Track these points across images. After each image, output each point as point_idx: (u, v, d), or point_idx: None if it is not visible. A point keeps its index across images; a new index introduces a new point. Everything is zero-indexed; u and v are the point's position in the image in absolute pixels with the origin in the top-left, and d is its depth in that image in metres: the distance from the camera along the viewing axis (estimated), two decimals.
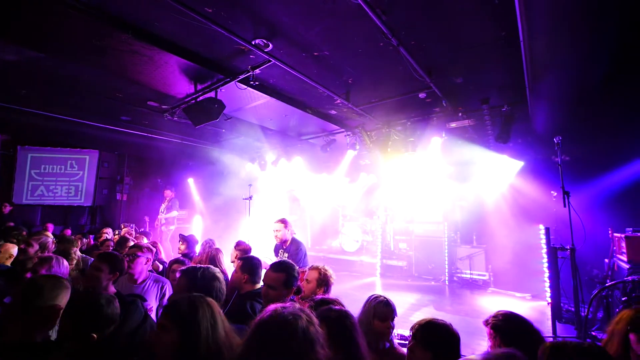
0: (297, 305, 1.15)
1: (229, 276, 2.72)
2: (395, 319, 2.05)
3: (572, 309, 4.97)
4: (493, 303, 6.24)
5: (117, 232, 5.38)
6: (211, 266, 1.88)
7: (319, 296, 1.98)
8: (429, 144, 6.70)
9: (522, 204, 7.29)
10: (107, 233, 5.36)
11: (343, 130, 7.27)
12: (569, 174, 4.71)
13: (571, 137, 5.66)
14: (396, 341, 4.18)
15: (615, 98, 4.97)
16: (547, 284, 6.45)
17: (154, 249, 2.95)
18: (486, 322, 1.81)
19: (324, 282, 2.52)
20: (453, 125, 6.33)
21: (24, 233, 4.21)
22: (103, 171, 9.03)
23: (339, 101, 5.60)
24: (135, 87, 5.19)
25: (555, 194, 6.73)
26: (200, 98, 5.02)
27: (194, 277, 1.77)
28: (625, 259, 4.30)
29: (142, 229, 7.61)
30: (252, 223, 6.80)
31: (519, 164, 7.29)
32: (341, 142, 7.74)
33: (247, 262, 2.40)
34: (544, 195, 6.76)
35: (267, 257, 3.47)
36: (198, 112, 4.93)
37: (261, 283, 2.25)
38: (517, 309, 1.82)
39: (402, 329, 4.33)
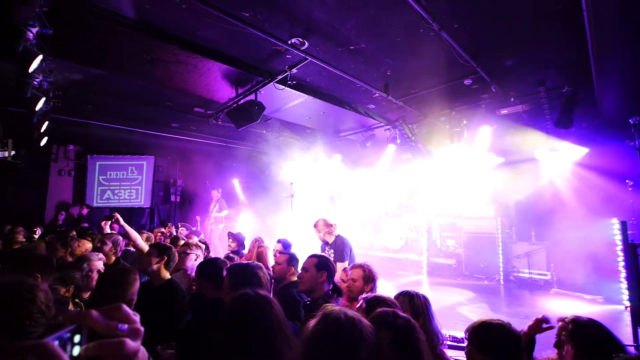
0: (352, 311, 1.13)
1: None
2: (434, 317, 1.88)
3: None
4: (558, 306, 5.67)
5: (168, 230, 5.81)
6: (255, 262, 1.95)
7: (371, 294, 1.87)
8: (476, 133, 6.26)
9: (589, 195, 6.51)
10: (170, 230, 5.80)
11: (382, 124, 7.08)
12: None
13: None
14: (448, 343, 4.00)
15: None
16: (624, 285, 5.70)
17: (203, 246, 3.12)
18: (561, 325, 1.61)
19: (369, 278, 2.47)
20: (504, 112, 5.84)
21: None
22: (158, 175, 9.83)
23: (377, 94, 5.46)
24: (183, 96, 5.54)
25: (632, 182, 5.93)
26: (242, 101, 5.22)
27: (236, 273, 1.85)
28: None
29: (195, 228, 8.14)
30: (294, 220, 6.92)
31: (583, 150, 6.51)
32: (381, 137, 7.55)
33: (292, 257, 2.69)
34: (616, 184, 5.98)
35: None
36: (240, 115, 5.13)
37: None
38: (588, 314, 1.59)
39: (453, 330, 4.13)
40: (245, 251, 4.01)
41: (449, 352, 3.52)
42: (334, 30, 3.68)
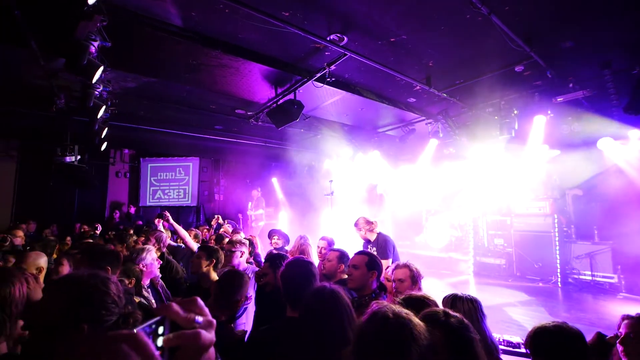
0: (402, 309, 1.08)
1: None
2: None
3: None
4: (627, 311, 5.07)
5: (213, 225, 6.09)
6: (303, 257, 1.99)
7: (407, 294, 1.80)
8: (529, 124, 5.80)
9: None
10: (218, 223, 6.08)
11: (423, 118, 6.81)
12: None
13: None
14: (502, 348, 3.75)
15: None
16: None
17: (248, 242, 3.21)
18: (629, 322, 1.53)
19: (416, 278, 2.38)
20: (560, 99, 5.34)
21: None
22: (203, 175, 10.36)
23: (418, 87, 5.26)
24: (225, 98, 5.76)
25: None
26: (281, 101, 5.30)
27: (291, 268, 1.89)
28: None
29: (238, 225, 8.47)
30: (334, 217, 6.91)
31: None
32: (421, 132, 7.27)
33: (343, 254, 2.73)
34: None
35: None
36: (279, 114, 5.21)
37: None
38: None
39: (507, 334, 3.86)
40: (288, 248, 4.08)
41: (505, 358, 3.32)
42: (373, 22, 3.58)
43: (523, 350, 2.88)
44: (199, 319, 0.49)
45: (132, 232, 5.07)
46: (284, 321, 1.67)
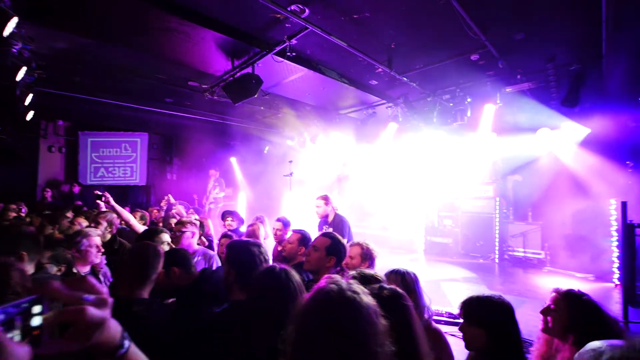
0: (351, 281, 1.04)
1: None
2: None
3: None
4: (550, 283, 5.76)
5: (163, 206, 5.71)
6: (250, 239, 1.92)
7: (355, 272, 1.88)
8: (480, 112, 6.12)
9: (587, 176, 6.49)
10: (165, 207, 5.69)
11: (384, 102, 6.89)
12: None
13: None
14: (444, 319, 4.07)
15: None
16: (616, 265, 5.81)
17: (199, 223, 3.05)
18: (555, 295, 1.65)
19: (367, 256, 2.45)
20: (509, 89, 5.69)
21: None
22: (153, 153, 9.61)
23: (380, 69, 5.25)
24: (175, 67, 5.28)
25: (632, 164, 5.89)
26: (238, 75, 4.98)
27: (233, 249, 1.81)
28: None
29: (193, 206, 8.06)
30: (294, 199, 6.85)
31: (585, 131, 6.42)
32: (382, 115, 7.37)
33: (305, 236, 2.65)
34: (616, 166, 5.94)
35: None
36: (236, 89, 4.91)
37: None
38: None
39: (450, 307, 4.19)
40: (244, 229, 3.96)
41: (446, 328, 3.59)
42: None
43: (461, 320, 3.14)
44: (90, 296, 0.49)
45: (70, 213, 4.57)
46: (231, 304, 1.59)
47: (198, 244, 2.94)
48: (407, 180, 8.75)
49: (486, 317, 1.49)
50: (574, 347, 1.46)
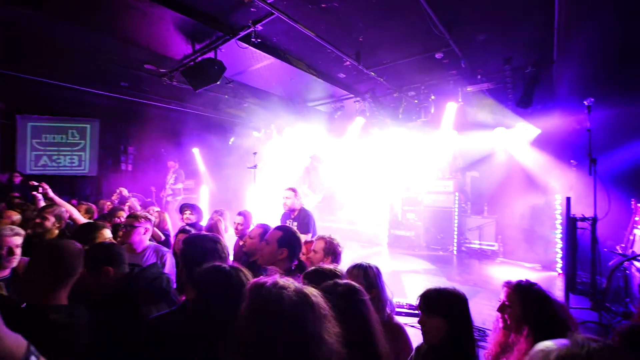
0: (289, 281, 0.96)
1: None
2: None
3: (585, 281, 4.85)
4: (502, 273, 6.17)
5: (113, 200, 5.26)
6: (209, 233, 1.78)
7: (325, 265, 1.85)
8: (443, 110, 6.31)
9: (537, 173, 6.99)
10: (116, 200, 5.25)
11: (352, 96, 6.88)
12: (594, 144, 4.38)
13: (595, 103, 5.23)
14: (405, 311, 4.16)
15: None
16: (559, 255, 6.34)
17: (153, 218, 2.82)
18: (506, 290, 1.71)
19: (330, 251, 2.41)
20: (470, 89, 5.91)
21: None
22: (105, 140, 8.85)
23: (348, 63, 5.20)
24: (130, 48, 4.85)
25: (575, 162, 6.41)
26: (199, 59, 4.68)
27: (188, 244, 1.67)
28: None
29: (149, 200, 7.57)
30: (258, 192, 6.67)
31: (536, 131, 6.89)
32: (350, 109, 7.37)
33: (267, 231, 2.50)
34: (562, 164, 6.44)
35: None
36: (197, 74, 4.62)
37: None
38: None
39: (411, 299, 4.30)
40: (204, 223, 3.75)
41: (407, 319, 3.66)
42: None
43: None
44: None
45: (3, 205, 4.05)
46: (181, 305, 1.45)
47: (150, 240, 2.72)
48: (373, 174, 8.89)
49: (446, 307, 1.52)
50: (529, 338, 1.52)
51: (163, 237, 3.30)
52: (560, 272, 6.16)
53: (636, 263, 4.21)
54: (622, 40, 4.19)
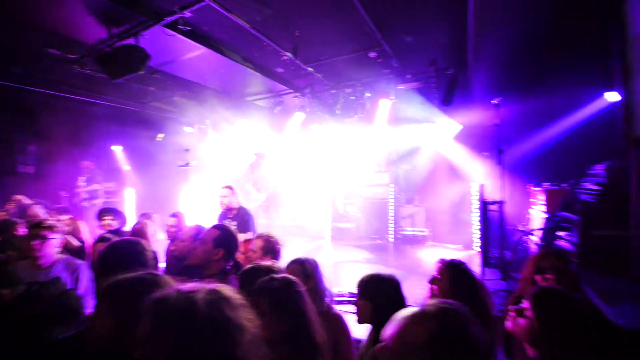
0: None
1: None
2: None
3: (496, 255, 5.63)
4: (430, 255, 6.81)
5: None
6: (133, 238, 1.60)
7: (254, 264, 1.82)
8: (377, 107, 6.65)
9: (459, 164, 7.83)
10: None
11: (291, 91, 6.84)
12: (501, 137, 5.08)
13: (504, 101, 6.02)
14: (347, 299, 4.32)
15: (547, 60, 5.31)
16: (477, 235, 7.21)
17: (64, 228, 2.43)
18: (439, 266, 1.89)
19: (269, 249, 2.38)
20: (401, 87, 6.32)
21: None
22: None
23: (286, 57, 5.12)
24: (28, 29, 4.10)
25: (488, 154, 7.33)
26: (118, 44, 4.16)
27: (108, 253, 1.47)
28: (543, 209, 4.88)
29: (60, 206, 6.57)
30: (193, 192, 6.25)
31: (458, 126, 7.70)
32: (290, 105, 7.32)
33: (200, 232, 2.44)
34: (477, 156, 7.31)
35: None
36: (115, 62, 4.10)
37: None
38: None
39: (353, 287, 4.48)
40: (128, 229, 3.37)
41: (349, 307, 3.81)
42: None
43: None
44: None
45: None
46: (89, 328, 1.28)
47: (63, 252, 2.34)
48: (315, 170, 9.01)
49: (371, 291, 1.66)
50: None
51: (78, 245, 2.87)
52: (478, 250, 7.02)
53: (532, 237, 5.01)
54: (525, 45, 4.88)
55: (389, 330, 0.87)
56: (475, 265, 5.89)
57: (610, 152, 4.04)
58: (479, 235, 6.74)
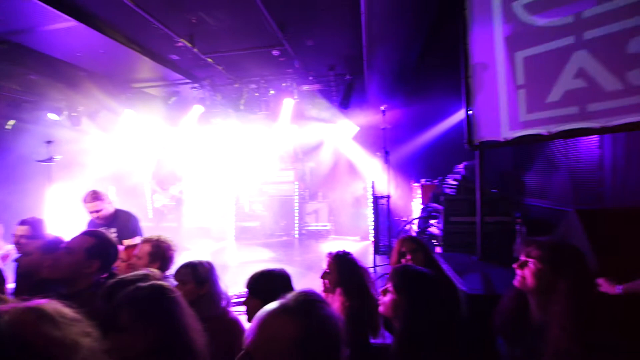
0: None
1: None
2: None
3: (386, 244, 6.40)
4: (332, 247, 7.25)
5: None
6: None
7: (119, 277, 1.60)
8: (281, 105, 6.72)
9: (357, 162, 8.58)
10: None
11: (189, 81, 6.31)
12: (390, 138, 5.80)
13: (393, 106, 6.85)
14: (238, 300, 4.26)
15: (424, 76, 6.25)
16: (371, 227, 8.05)
17: None
18: (328, 260, 2.04)
19: (159, 255, 2.14)
20: (304, 88, 6.54)
21: None
22: None
23: (181, 44, 4.70)
24: None
25: (379, 154, 8.24)
26: None
27: None
28: (420, 202, 5.77)
29: None
30: (58, 194, 5.16)
31: (356, 128, 8.40)
32: (188, 96, 6.74)
33: (50, 243, 2.01)
34: (372, 155, 8.14)
35: None
36: None
37: None
38: (350, 249, 2.13)
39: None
40: None
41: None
42: None
43: None
44: None
45: None
46: None
47: None
48: (220, 167, 8.55)
49: (264, 288, 1.62)
50: (341, 297, 1.86)
51: None
52: (372, 240, 7.85)
53: (412, 226, 5.88)
54: (406, 62, 5.63)
55: (249, 333, 0.80)
56: (370, 254, 6.61)
57: (469, 153, 5.07)
58: (374, 227, 7.58)
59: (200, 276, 1.79)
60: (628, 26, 2.07)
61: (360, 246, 7.49)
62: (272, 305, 0.84)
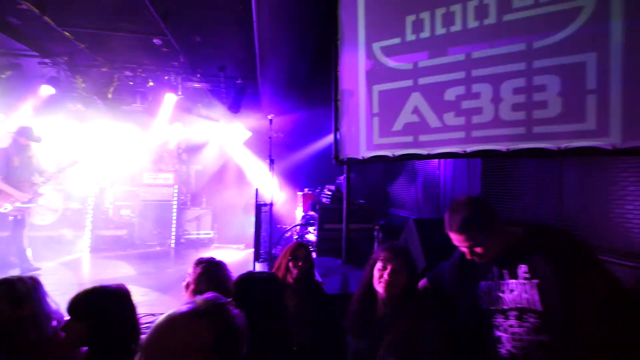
0: None
1: None
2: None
3: (267, 251, 6.47)
4: (214, 257, 6.89)
5: None
6: None
7: None
8: (162, 99, 6.12)
9: (246, 169, 8.47)
10: None
11: (37, 54, 5.11)
12: (280, 147, 5.97)
13: (284, 117, 7.07)
14: None
15: (314, 90, 6.69)
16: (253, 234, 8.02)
17: None
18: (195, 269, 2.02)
19: None
20: (192, 85, 6.14)
21: None
22: None
23: (24, 6, 3.79)
24: None
25: (269, 161, 8.36)
26: None
27: None
28: (302, 210, 6.11)
29: None
30: None
31: (248, 133, 8.30)
32: (32, 72, 5.43)
33: None
34: (261, 162, 8.18)
35: None
36: None
37: None
38: (232, 257, 2.12)
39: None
40: None
41: None
42: None
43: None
44: None
45: None
46: None
47: None
48: (73, 163, 7.02)
49: (88, 310, 1.41)
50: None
51: None
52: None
53: (293, 233, 6.16)
54: (294, 76, 5.93)
55: (148, 346, 0.74)
56: (251, 262, 6.55)
57: (349, 166, 5.65)
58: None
59: (16, 295, 1.51)
60: (445, 79, 2.75)
61: (243, 254, 7.33)
62: (174, 311, 0.79)
